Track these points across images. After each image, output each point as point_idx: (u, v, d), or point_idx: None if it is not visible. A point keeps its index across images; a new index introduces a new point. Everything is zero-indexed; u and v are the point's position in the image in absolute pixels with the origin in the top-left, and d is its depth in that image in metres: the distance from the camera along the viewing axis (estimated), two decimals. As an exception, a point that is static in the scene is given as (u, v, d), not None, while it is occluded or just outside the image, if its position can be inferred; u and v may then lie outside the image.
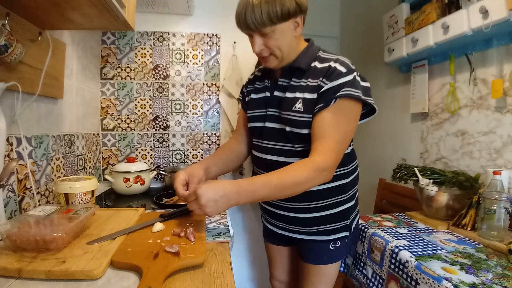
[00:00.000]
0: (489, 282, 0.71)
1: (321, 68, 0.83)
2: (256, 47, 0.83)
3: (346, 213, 0.94)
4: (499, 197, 0.93)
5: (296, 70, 0.88)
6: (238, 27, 0.84)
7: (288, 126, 0.86)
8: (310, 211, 0.91)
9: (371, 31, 2.13)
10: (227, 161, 1.04)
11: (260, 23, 0.78)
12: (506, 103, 1.18)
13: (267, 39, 0.81)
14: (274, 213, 0.99)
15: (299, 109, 0.83)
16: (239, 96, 1.10)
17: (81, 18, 0.88)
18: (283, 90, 0.89)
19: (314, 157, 0.76)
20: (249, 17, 0.78)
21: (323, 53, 0.88)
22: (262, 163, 0.94)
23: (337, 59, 0.83)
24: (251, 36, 0.84)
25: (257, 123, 0.96)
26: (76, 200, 0.90)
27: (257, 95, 0.98)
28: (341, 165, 0.89)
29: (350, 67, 0.82)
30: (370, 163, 2.14)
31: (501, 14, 1.04)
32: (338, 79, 0.79)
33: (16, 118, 0.88)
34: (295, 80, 0.87)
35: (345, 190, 0.93)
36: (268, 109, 0.92)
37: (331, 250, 0.94)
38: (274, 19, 0.77)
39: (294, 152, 0.88)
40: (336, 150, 0.78)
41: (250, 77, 1.07)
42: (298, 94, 0.85)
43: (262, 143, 0.94)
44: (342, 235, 0.94)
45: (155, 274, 0.57)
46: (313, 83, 0.83)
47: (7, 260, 0.59)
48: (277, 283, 1.18)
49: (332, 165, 0.77)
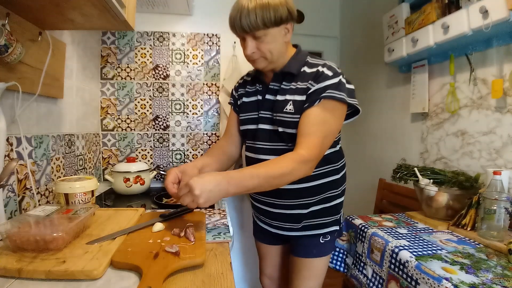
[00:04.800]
0: (489, 282, 0.71)
1: (310, 73, 0.89)
2: (248, 50, 0.87)
3: (337, 208, 1.01)
4: (499, 197, 0.93)
5: (286, 74, 0.92)
6: (231, 29, 0.88)
7: (280, 127, 0.90)
8: (305, 207, 0.95)
9: (371, 31, 2.13)
10: (220, 162, 1.05)
11: (255, 26, 0.82)
12: (506, 103, 1.17)
13: (259, 42, 0.86)
14: (268, 212, 1.01)
15: (290, 111, 0.88)
16: (230, 100, 1.13)
17: (81, 18, 0.88)
18: (274, 93, 0.94)
19: (299, 150, 0.81)
20: (244, 20, 0.82)
21: (311, 59, 0.93)
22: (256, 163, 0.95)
23: (325, 64, 0.89)
24: (243, 39, 0.88)
25: (250, 125, 0.99)
26: (76, 200, 0.90)
27: (249, 99, 1.02)
28: (330, 162, 0.96)
29: (336, 71, 0.87)
30: (370, 163, 2.14)
31: (501, 14, 1.04)
32: (324, 81, 0.85)
33: (16, 118, 0.88)
34: (286, 84, 0.92)
35: (337, 185, 0.99)
36: (260, 111, 0.96)
37: (321, 244, 1.00)
38: (267, 23, 0.82)
39: (287, 150, 0.90)
40: (319, 146, 0.83)
41: (239, 81, 1.11)
42: (289, 96, 0.90)
43: (255, 144, 0.97)
44: (333, 229, 1.00)
45: (155, 274, 0.57)
46: (302, 86, 0.88)
47: (7, 260, 0.59)
48: (268, 280, 1.20)
49: (314, 159, 0.82)
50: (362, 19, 2.28)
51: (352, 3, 2.44)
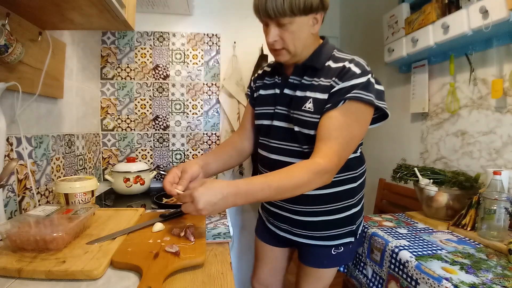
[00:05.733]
0: (489, 282, 0.71)
1: (335, 68, 0.80)
2: (270, 37, 0.79)
3: (353, 218, 0.92)
4: (499, 197, 0.93)
5: (309, 68, 0.84)
6: (255, 13, 0.79)
7: (296, 126, 0.83)
8: (317, 215, 0.88)
9: (371, 31, 2.13)
10: (228, 158, 0.99)
11: (280, 12, 0.73)
12: (506, 103, 1.18)
13: (284, 30, 0.77)
14: (279, 215, 0.95)
15: (309, 109, 0.80)
16: (247, 91, 1.06)
17: (81, 18, 0.88)
18: (294, 88, 0.86)
19: (316, 159, 0.73)
20: (270, 4, 0.73)
21: (338, 53, 0.84)
22: (267, 162, 0.92)
23: (352, 59, 0.80)
24: (266, 25, 0.80)
25: (265, 120, 0.92)
26: (76, 200, 0.90)
27: (266, 91, 0.94)
28: (349, 169, 0.87)
29: (365, 68, 0.79)
30: (370, 163, 2.12)
31: (501, 14, 1.04)
32: (351, 80, 0.76)
33: (16, 118, 0.88)
34: (307, 79, 0.84)
35: (353, 194, 0.90)
36: (276, 106, 0.89)
37: (333, 255, 0.92)
38: (295, 10, 0.73)
39: (301, 153, 0.85)
40: (339, 154, 0.74)
41: (259, 72, 1.02)
42: (309, 93, 0.81)
43: (269, 142, 0.91)
44: (347, 240, 0.92)
45: (155, 274, 0.57)
46: (325, 82, 0.80)
47: (7, 260, 0.59)
48: (259, 285, 1.13)
49: (334, 169, 0.75)
50: (362, 19, 2.28)
51: (352, 3, 2.44)
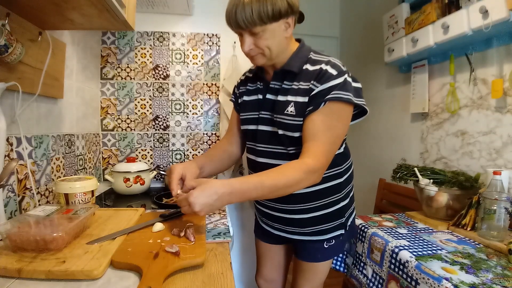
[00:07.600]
0: (489, 282, 0.71)
1: (313, 71, 0.83)
2: (245, 47, 0.82)
3: (341, 211, 0.96)
4: (499, 197, 0.93)
5: (287, 73, 0.87)
6: (228, 25, 0.82)
7: (280, 129, 0.86)
8: (306, 212, 0.92)
9: (371, 31, 2.13)
10: (220, 161, 1.04)
11: (251, 22, 0.76)
12: (506, 103, 1.17)
13: (257, 38, 0.80)
14: (270, 215, 0.99)
15: (291, 113, 0.83)
16: (231, 97, 1.09)
17: (81, 18, 0.88)
18: (275, 93, 0.89)
19: (305, 159, 0.77)
20: (240, 16, 0.76)
21: (314, 55, 0.87)
22: (256, 165, 0.95)
23: (328, 61, 0.83)
24: (241, 35, 0.83)
25: (250, 125, 0.96)
26: (76, 200, 0.90)
27: (250, 97, 0.97)
28: (334, 165, 0.90)
29: (341, 69, 0.81)
30: (370, 163, 2.14)
31: (501, 14, 1.04)
32: (329, 81, 0.79)
33: (16, 118, 0.88)
34: (287, 83, 0.87)
35: (340, 189, 0.94)
36: (260, 111, 0.92)
37: (325, 249, 0.97)
38: (264, 19, 0.76)
39: (287, 154, 0.88)
40: (326, 153, 0.79)
41: (241, 78, 1.06)
42: (290, 97, 0.85)
43: (256, 146, 0.94)
44: (337, 233, 0.97)
45: (155, 274, 0.57)
46: (305, 86, 0.83)
47: (7, 260, 0.59)
48: (263, 282, 1.17)
49: (322, 168, 0.79)
50: (362, 19, 2.28)
51: (352, 3, 2.44)
